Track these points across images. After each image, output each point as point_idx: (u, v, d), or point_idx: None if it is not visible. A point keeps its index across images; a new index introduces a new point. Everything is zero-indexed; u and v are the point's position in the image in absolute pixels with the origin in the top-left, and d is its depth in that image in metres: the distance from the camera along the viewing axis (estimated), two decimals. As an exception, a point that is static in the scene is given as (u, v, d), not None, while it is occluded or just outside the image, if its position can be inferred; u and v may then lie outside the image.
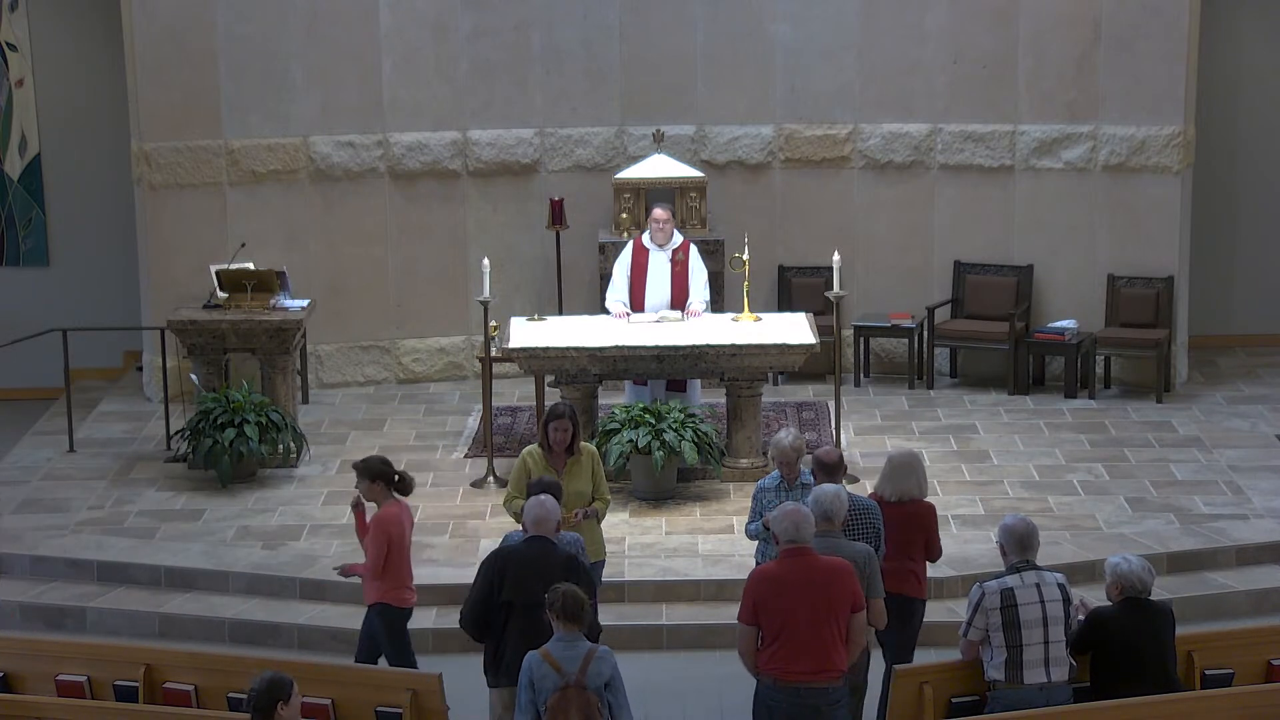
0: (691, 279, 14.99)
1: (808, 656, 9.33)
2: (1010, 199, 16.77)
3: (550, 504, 9.92)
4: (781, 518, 9.48)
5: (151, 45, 16.19)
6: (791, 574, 9.38)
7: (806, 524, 9.46)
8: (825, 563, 9.45)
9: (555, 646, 8.99)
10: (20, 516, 14.12)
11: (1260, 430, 15.56)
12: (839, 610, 9.40)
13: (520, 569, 9.73)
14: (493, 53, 16.77)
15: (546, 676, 8.90)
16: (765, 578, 9.47)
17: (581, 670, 8.90)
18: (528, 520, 9.92)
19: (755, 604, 9.41)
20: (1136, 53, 16.25)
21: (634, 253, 15.07)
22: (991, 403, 16.29)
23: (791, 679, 9.35)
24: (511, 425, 15.76)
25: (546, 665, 8.92)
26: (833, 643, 9.37)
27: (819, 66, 16.82)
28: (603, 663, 8.96)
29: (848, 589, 9.44)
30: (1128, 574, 9.70)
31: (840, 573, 9.45)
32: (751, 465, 14.31)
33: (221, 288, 15.35)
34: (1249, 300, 17.84)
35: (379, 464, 10.83)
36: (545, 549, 9.82)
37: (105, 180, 17.46)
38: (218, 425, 14.38)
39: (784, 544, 9.45)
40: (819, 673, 9.35)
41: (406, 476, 10.89)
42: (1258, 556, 13.20)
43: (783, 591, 9.35)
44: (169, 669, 10.18)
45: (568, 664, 8.91)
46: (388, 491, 10.81)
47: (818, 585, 9.37)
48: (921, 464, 10.95)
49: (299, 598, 12.86)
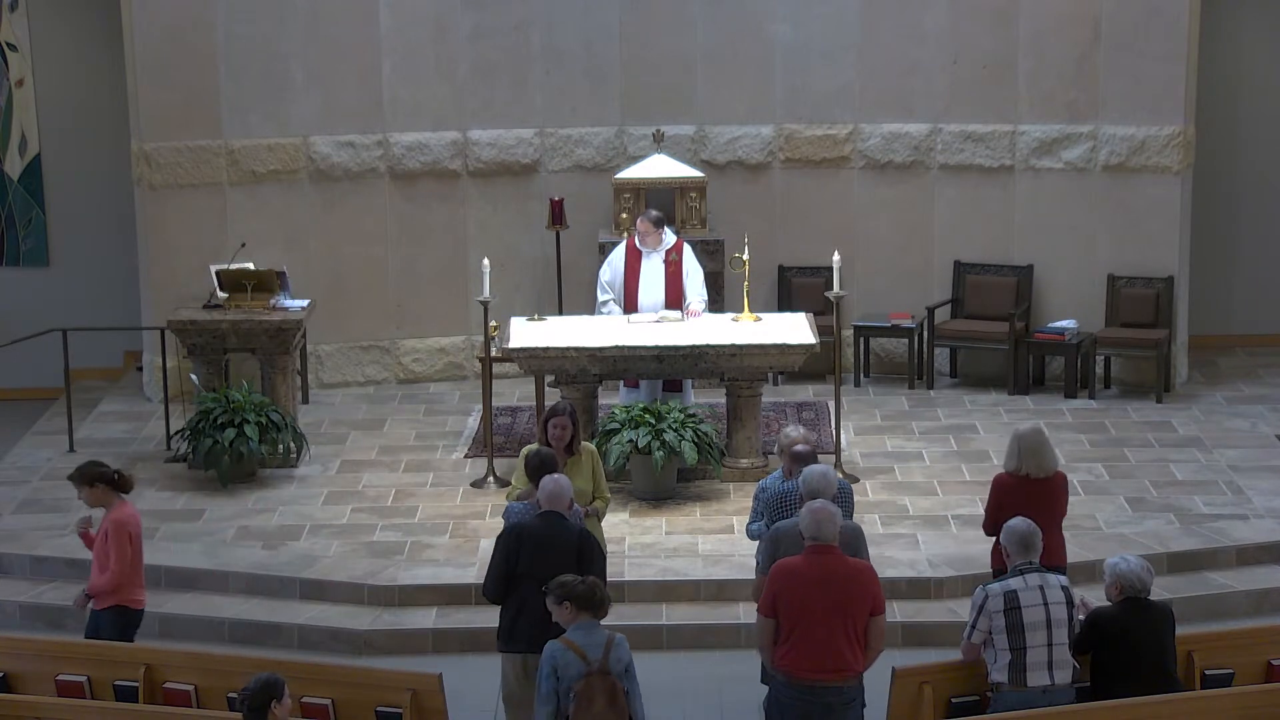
0: (687, 279, 14.98)
1: (821, 655, 9.38)
2: (1010, 199, 16.77)
3: (563, 481, 10.19)
4: (806, 515, 9.55)
5: (151, 45, 16.19)
6: (812, 570, 9.43)
7: (829, 523, 9.50)
8: (846, 563, 9.52)
9: (576, 634, 9.17)
10: (20, 516, 14.12)
11: (1260, 430, 15.56)
12: (857, 611, 9.43)
13: (535, 543, 9.99)
14: (493, 53, 16.77)
15: (571, 664, 9.08)
16: (787, 571, 9.51)
17: (604, 656, 9.10)
18: (542, 496, 10.17)
19: (776, 596, 9.45)
20: (1136, 53, 16.25)
21: (627, 254, 15.07)
22: (991, 403, 16.29)
23: (804, 676, 9.41)
24: (511, 425, 15.76)
25: (571, 653, 9.09)
26: (847, 643, 9.41)
27: (819, 66, 16.82)
28: (621, 649, 9.19)
29: (868, 591, 9.49)
30: (1127, 574, 9.71)
31: (861, 574, 9.52)
32: (751, 465, 14.31)
33: (221, 288, 15.35)
34: (1249, 300, 17.84)
35: (93, 468, 10.77)
36: (559, 524, 10.07)
37: (105, 180, 17.46)
38: (218, 425, 14.38)
39: (808, 541, 9.51)
40: (832, 671, 9.40)
41: (125, 474, 10.85)
42: (1258, 556, 13.20)
43: (801, 587, 9.40)
44: (169, 669, 10.18)
45: (591, 650, 9.11)
46: (112, 493, 10.75)
47: (836, 584, 9.42)
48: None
49: (299, 598, 12.86)
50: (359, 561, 13.16)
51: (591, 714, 8.99)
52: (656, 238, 14.97)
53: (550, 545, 10.00)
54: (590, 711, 9.00)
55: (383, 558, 13.18)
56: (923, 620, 12.31)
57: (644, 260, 15.01)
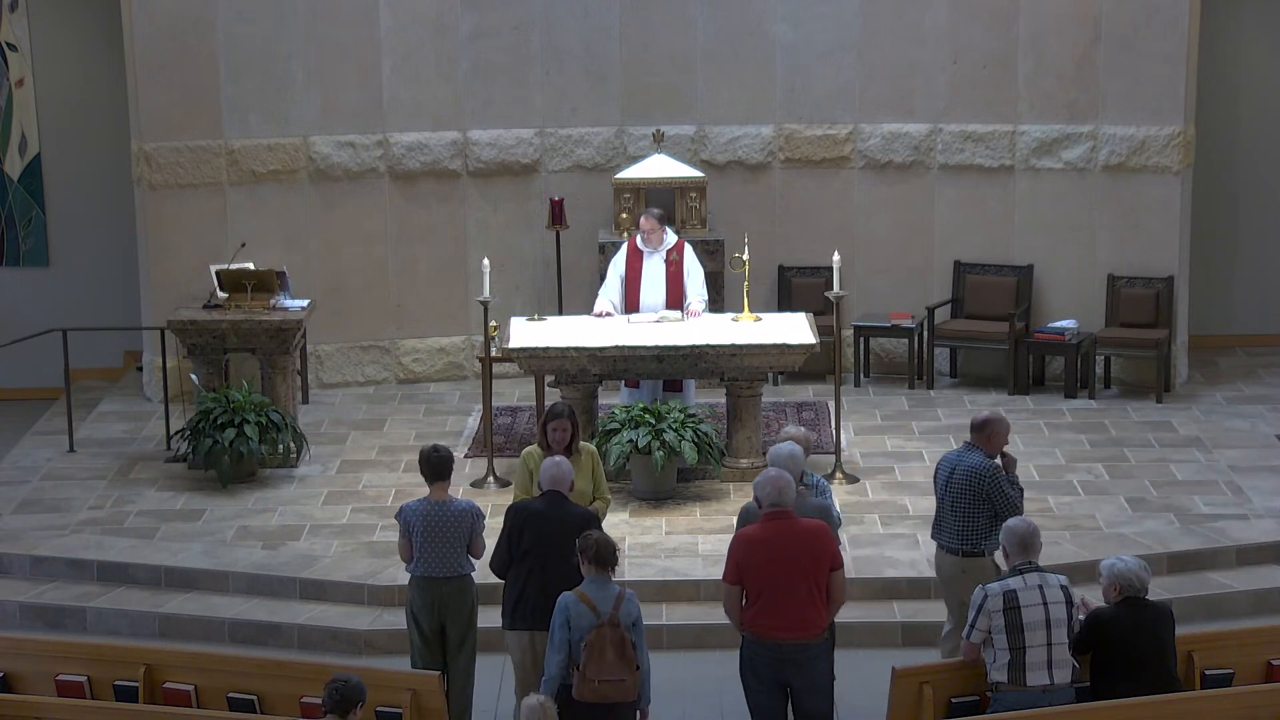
0: (688, 279, 14.99)
1: (788, 615, 9.83)
2: (1010, 199, 16.77)
3: (565, 465, 10.52)
4: (765, 483, 9.98)
5: (151, 45, 16.19)
6: (773, 536, 9.88)
7: (789, 489, 9.96)
8: (805, 525, 9.95)
9: (589, 588, 9.68)
10: (20, 516, 14.12)
11: (1260, 430, 15.56)
12: (819, 569, 9.90)
13: (538, 522, 10.32)
14: (493, 53, 16.77)
15: (583, 615, 9.60)
16: (748, 540, 9.95)
17: (615, 610, 9.62)
18: (544, 478, 10.49)
19: (738, 565, 9.92)
20: (1136, 53, 16.25)
21: (629, 254, 15.08)
22: (991, 403, 16.27)
23: (772, 635, 9.86)
24: (511, 425, 15.76)
25: (583, 605, 9.62)
26: (811, 601, 9.87)
27: (819, 66, 16.82)
28: (631, 604, 9.72)
29: (826, 550, 9.94)
30: (1124, 573, 9.70)
31: (819, 534, 9.95)
32: (751, 465, 14.30)
33: (221, 288, 15.36)
34: (1249, 300, 17.84)
35: None
36: (561, 504, 10.41)
37: (105, 180, 17.46)
38: (218, 425, 14.38)
39: (766, 508, 9.94)
40: (798, 629, 9.85)
41: None
42: (1258, 556, 13.20)
43: (764, 553, 9.86)
44: (169, 669, 10.18)
45: (602, 604, 9.63)
46: None
47: (798, 547, 9.87)
48: None
49: (299, 598, 12.86)
50: (359, 561, 13.17)
51: (602, 663, 9.54)
52: (659, 235, 14.98)
53: (552, 524, 10.25)
54: (600, 661, 9.54)
55: (383, 558, 13.18)
56: (923, 620, 12.30)
57: (645, 261, 15.02)
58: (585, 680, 9.57)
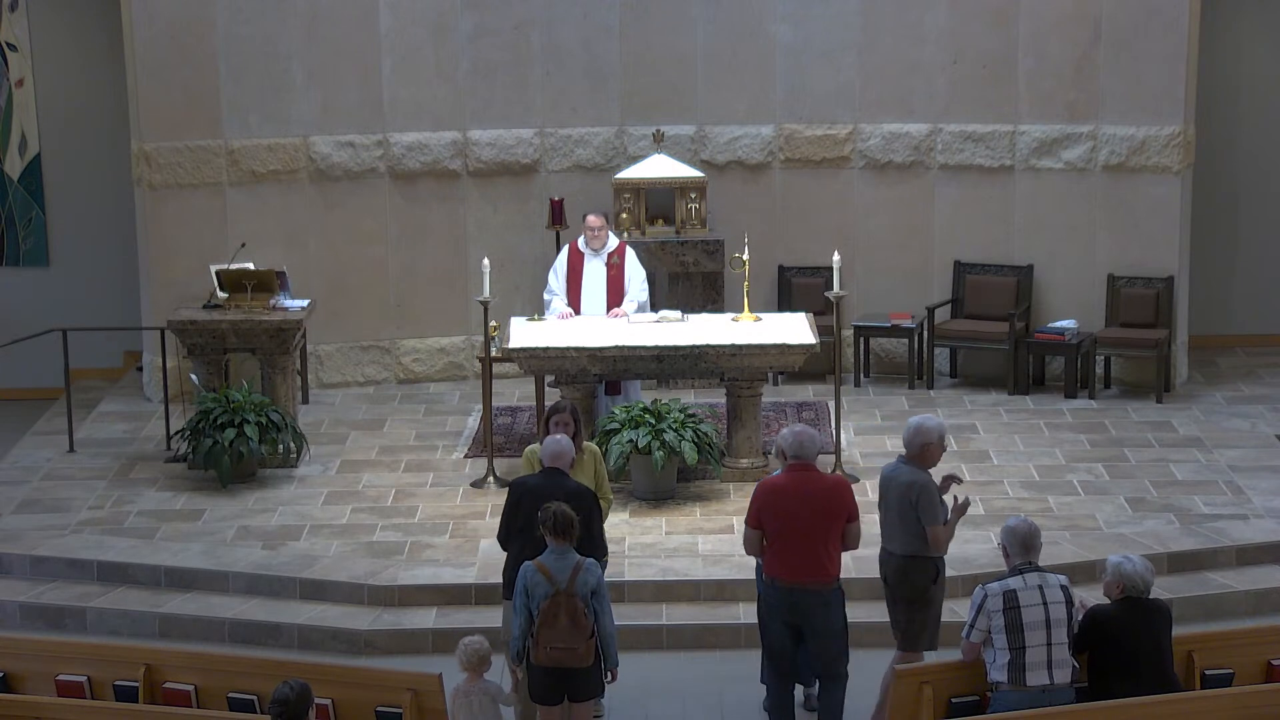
0: (628, 281, 15.00)
1: (802, 560, 10.31)
2: (1010, 199, 16.78)
3: (565, 442, 10.79)
4: (789, 436, 10.42)
5: (151, 45, 16.19)
6: (794, 485, 10.35)
7: (812, 443, 10.43)
8: (826, 478, 10.45)
9: (548, 558, 10.00)
10: (20, 516, 14.12)
11: (1260, 430, 15.56)
12: (835, 520, 10.34)
13: (535, 497, 10.52)
14: (493, 53, 16.77)
15: (539, 584, 9.94)
16: (770, 488, 10.43)
17: (571, 579, 9.92)
18: (545, 455, 10.79)
19: (759, 510, 10.40)
20: (1136, 53, 16.25)
21: (570, 256, 15.10)
22: (991, 403, 16.29)
23: (787, 579, 10.34)
24: (511, 425, 15.77)
25: (540, 574, 9.95)
26: (824, 548, 10.33)
27: (819, 66, 16.82)
28: (589, 573, 10.00)
29: (844, 503, 10.38)
30: (1131, 574, 9.70)
31: (838, 487, 10.42)
32: (751, 465, 14.31)
33: (221, 288, 15.35)
34: (1249, 300, 17.84)
35: None
36: (558, 480, 10.68)
37: (105, 180, 17.46)
38: (218, 425, 14.38)
39: (790, 459, 10.38)
40: (812, 575, 10.32)
41: None
42: (1258, 556, 13.20)
43: (784, 500, 10.32)
44: (169, 669, 10.18)
45: (559, 573, 9.94)
46: None
47: (817, 497, 10.33)
48: None
49: (299, 598, 12.86)
50: (359, 561, 13.17)
51: (555, 630, 9.87)
52: (604, 236, 14.99)
53: (547, 498, 10.42)
54: (554, 628, 9.88)
55: (383, 558, 13.19)
56: (923, 620, 12.28)
57: (586, 263, 15.03)
58: (539, 646, 9.92)
